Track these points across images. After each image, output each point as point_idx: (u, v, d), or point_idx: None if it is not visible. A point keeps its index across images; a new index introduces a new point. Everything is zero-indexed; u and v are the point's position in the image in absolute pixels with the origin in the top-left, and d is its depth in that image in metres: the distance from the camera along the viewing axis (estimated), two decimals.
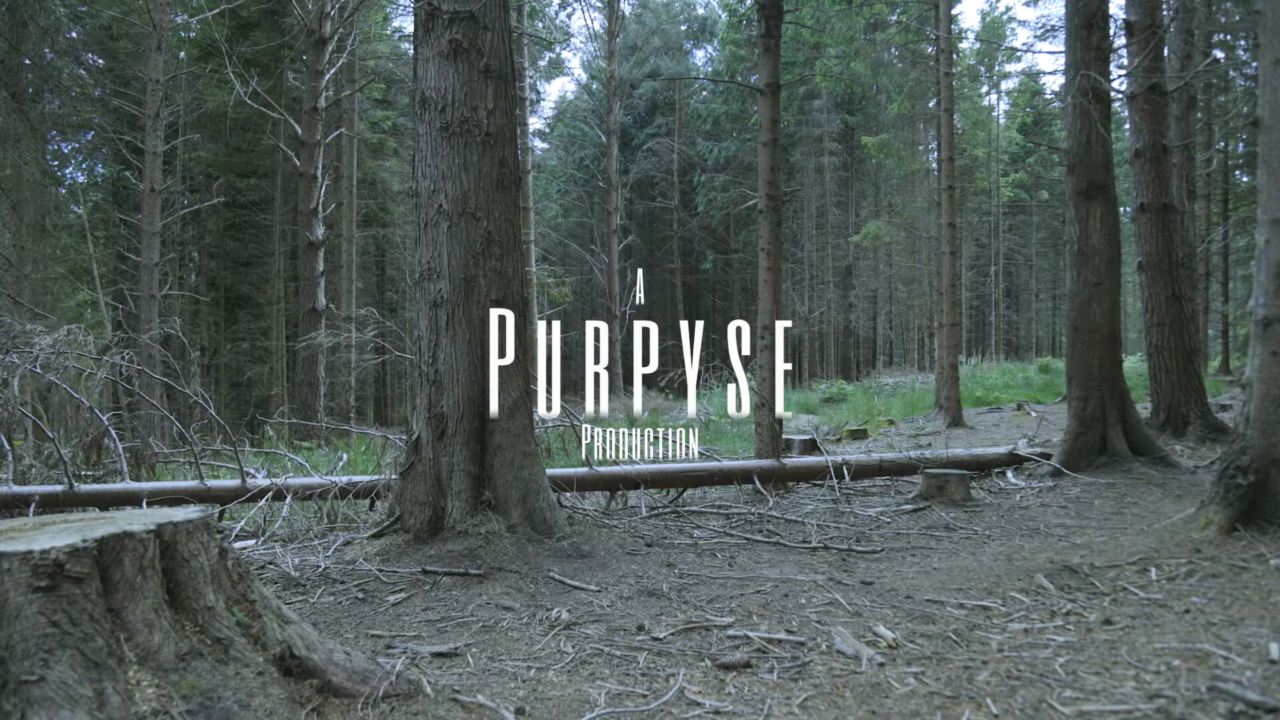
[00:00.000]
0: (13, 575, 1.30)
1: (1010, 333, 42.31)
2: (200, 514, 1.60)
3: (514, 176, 3.74)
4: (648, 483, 4.88)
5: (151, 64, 13.18)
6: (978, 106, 30.70)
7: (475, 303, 3.57)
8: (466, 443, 3.51)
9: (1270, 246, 3.20)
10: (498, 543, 3.32)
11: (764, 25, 5.78)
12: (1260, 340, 3.21)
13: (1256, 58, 6.26)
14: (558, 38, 28.73)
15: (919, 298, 32.33)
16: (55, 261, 16.90)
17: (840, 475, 5.32)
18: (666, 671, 2.07)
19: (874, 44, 20.88)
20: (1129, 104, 7.40)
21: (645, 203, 37.30)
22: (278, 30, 18.14)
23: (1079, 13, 5.80)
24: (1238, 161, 20.32)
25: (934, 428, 10.19)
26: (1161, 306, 7.09)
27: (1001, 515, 4.40)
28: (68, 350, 6.53)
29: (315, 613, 2.79)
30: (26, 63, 14.45)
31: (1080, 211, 5.81)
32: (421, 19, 3.65)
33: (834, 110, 33.94)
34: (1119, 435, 5.61)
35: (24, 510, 4.34)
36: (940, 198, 12.44)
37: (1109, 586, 2.76)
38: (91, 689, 1.30)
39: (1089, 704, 1.77)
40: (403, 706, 1.72)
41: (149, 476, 6.11)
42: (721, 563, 3.47)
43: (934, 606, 2.63)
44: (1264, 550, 2.90)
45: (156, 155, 13.22)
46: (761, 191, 5.80)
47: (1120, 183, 10.51)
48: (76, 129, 19.87)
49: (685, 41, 40.75)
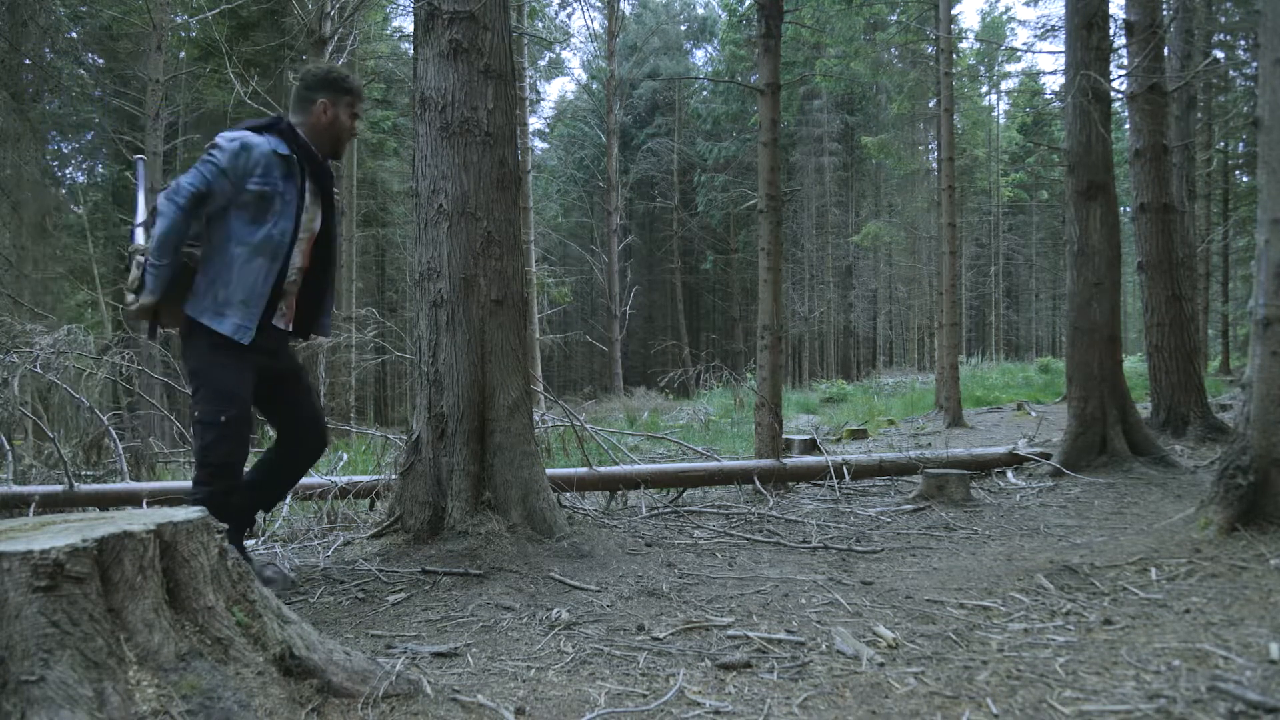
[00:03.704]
0: (13, 575, 1.30)
1: (1010, 333, 42.33)
2: (200, 514, 1.60)
3: (514, 176, 3.74)
4: (648, 483, 4.88)
5: (151, 64, 13.19)
6: (978, 106, 30.73)
7: (475, 303, 3.57)
8: (466, 443, 3.51)
9: (1270, 246, 3.20)
10: (498, 543, 3.32)
11: (764, 25, 5.78)
12: (1260, 340, 3.21)
13: (1256, 58, 6.27)
14: (558, 38, 28.74)
15: (919, 298, 32.36)
16: (55, 261, 16.89)
17: (840, 475, 5.32)
18: (666, 671, 2.07)
19: (874, 44, 20.89)
20: (1129, 104, 7.40)
21: (645, 203, 37.31)
22: (278, 30, 18.13)
23: (1079, 13, 5.80)
24: (1238, 161, 20.33)
25: (934, 428, 10.19)
26: (1161, 306, 7.08)
27: (1001, 515, 4.40)
28: (68, 350, 6.53)
29: (315, 613, 2.79)
30: (26, 63, 14.44)
31: (1080, 211, 5.81)
32: (421, 19, 3.65)
33: (834, 110, 33.96)
34: (1119, 435, 5.61)
35: (24, 510, 4.34)
36: (940, 198, 12.45)
37: (1109, 586, 2.76)
38: (91, 689, 1.30)
39: (1089, 704, 1.77)
40: (403, 706, 1.72)
41: (149, 476, 6.11)
42: (721, 563, 3.47)
43: (934, 606, 2.63)
44: (1264, 550, 2.90)
45: (156, 155, 13.22)
46: (761, 191, 5.80)
47: (1120, 183, 10.51)
48: (76, 129, 19.87)
49: (685, 41, 40.76)
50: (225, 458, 2.69)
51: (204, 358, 2.72)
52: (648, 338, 38.12)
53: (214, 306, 2.69)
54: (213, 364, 2.71)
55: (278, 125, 2.80)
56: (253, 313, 2.71)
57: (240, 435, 2.72)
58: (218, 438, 2.67)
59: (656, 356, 34.27)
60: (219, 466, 2.68)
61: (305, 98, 2.88)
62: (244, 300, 2.70)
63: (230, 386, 2.71)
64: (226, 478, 2.70)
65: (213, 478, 2.68)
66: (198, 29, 17.09)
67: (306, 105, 2.88)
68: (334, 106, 2.88)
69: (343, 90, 2.89)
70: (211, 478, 2.68)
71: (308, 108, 2.88)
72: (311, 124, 2.88)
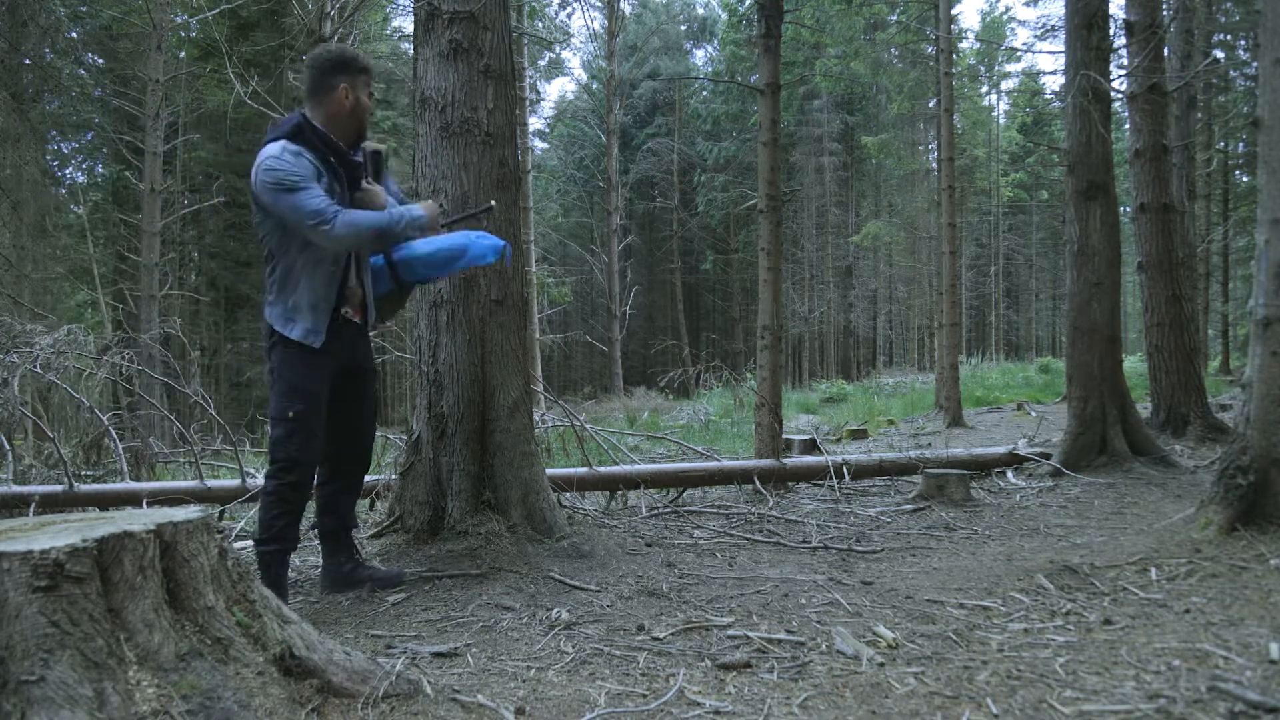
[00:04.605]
0: (13, 575, 1.30)
1: (1010, 333, 42.33)
2: (200, 514, 1.60)
3: (514, 176, 3.74)
4: (648, 483, 4.88)
5: (151, 64, 13.18)
6: (978, 106, 30.72)
7: (475, 302, 3.57)
8: (466, 443, 3.51)
9: (1270, 246, 3.20)
10: (498, 543, 3.32)
11: (764, 25, 5.78)
12: (1260, 340, 3.21)
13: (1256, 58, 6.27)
14: (558, 38, 28.74)
15: (919, 298, 32.36)
16: (55, 261, 16.89)
17: (840, 475, 5.32)
18: (666, 671, 2.07)
19: (874, 44, 20.88)
20: (1129, 104, 7.40)
21: (645, 203, 37.28)
22: (278, 30, 18.12)
23: (1079, 13, 5.80)
24: (1238, 161, 20.33)
25: (934, 428, 10.19)
26: (1161, 306, 7.08)
27: (1001, 515, 4.40)
28: (68, 350, 6.53)
29: (315, 613, 2.79)
30: (26, 63, 14.44)
31: (1080, 211, 5.81)
32: (421, 19, 3.65)
33: (834, 110, 33.94)
34: (1119, 435, 5.61)
35: (24, 510, 4.34)
36: (940, 198, 12.44)
37: (1109, 586, 2.76)
38: (91, 689, 1.30)
39: (1089, 704, 1.77)
40: (403, 706, 1.72)
41: (149, 476, 6.11)
42: (721, 563, 3.47)
43: (934, 606, 2.63)
44: (1264, 550, 2.90)
45: (156, 155, 13.22)
46: (761, 191, 5.80)
47: (1120, 183, 10.51)
48: (76, 129, 19.86)
49: (685, 41, 40.74)
50: (294, 453, 2.69)
51: (280, 356, 2.76)
52: (648, 338, 38.11)
53: (285, 313, 2.72)
54: (285, 361, 2.74)
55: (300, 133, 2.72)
56: (321, 317, 2.73)
57: (309, 431, 2.72)
58: (286, 433, 2.69)
59: (656, 356, 34.26)
60: (286, 461, 2.69)
61: (323, 84, 2.78)
62: (312, 305, 2.73)
63: (300, 382, 2.73)
64: (293, 472, 2.70)
65: (280, 472, 2.69)
66: (198, 29, 17.08)
67: (326, 92, 2.78)
68: (354, 89, 2.80)
69: (359, 69, 2.82)
70: (279, 471, 2.69)
71: (328, 95, 2.77)
72: (334, 113, 2.78)
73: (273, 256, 2.76)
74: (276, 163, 2.62)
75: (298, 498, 2.75)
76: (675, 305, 36.99)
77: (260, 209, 2.71)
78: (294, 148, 2.67)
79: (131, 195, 18.57)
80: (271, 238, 2.74)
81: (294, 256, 2.73)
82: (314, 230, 2.61)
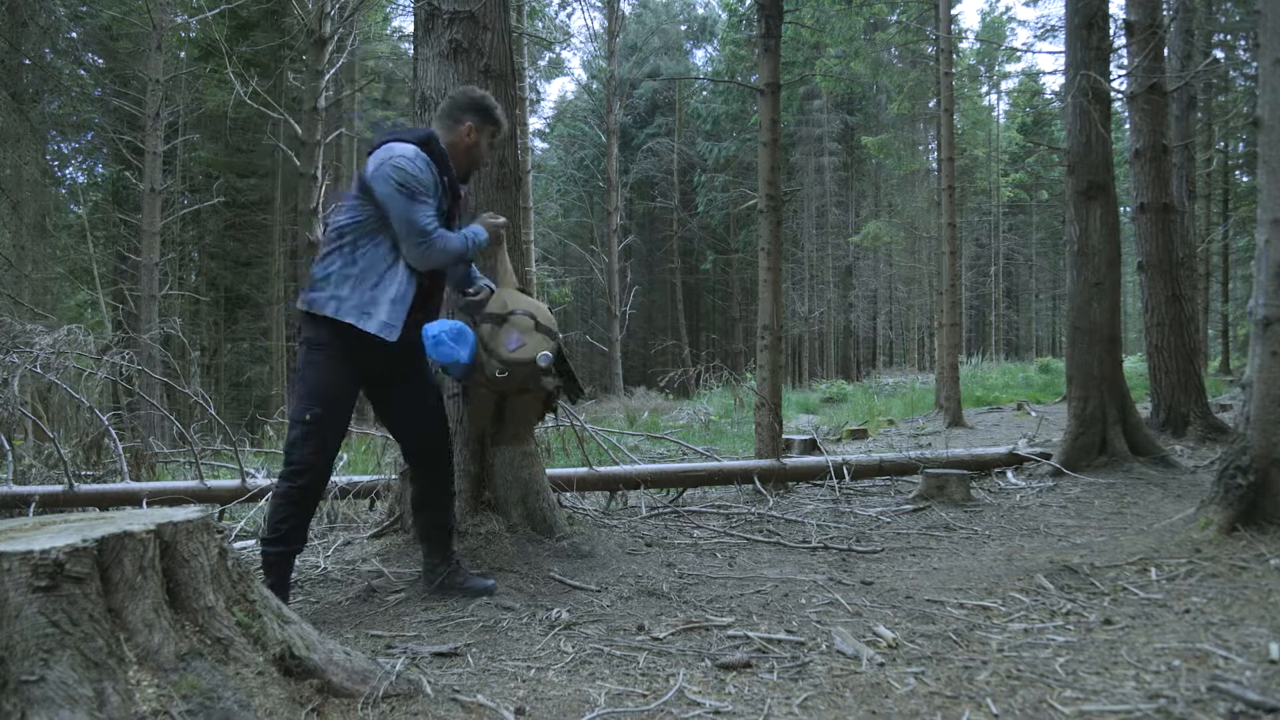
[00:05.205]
0: (13, 575, 1.30)
1: (1010, 333, 42.33)
2: (200, 514, 1.60)
3: (514, 176, 3.74)
4: (648, 483, 4.88)
5: (151, 64, 13.19)
6: (978, 106, 30.72)
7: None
8: (466, 443, 3.51)
9: (1270, 246, 3.20)
10: (498, 543, 3.32)
11: (764, 25, 5.78)
12: (1260, 340, 3.21)
13: (1256, 58, 6.26)
14: (558, 38, 28.75)
15: (919, 298, 32.36)
16: (55, 261, 16.90)
17: (840, 475, 5.32)
18: (666, 671, 2.07)
19: (874, 44, 20.87)
20: (1129, 104, 7.40)
21: (645, 203, 37.28)
22: (278, 30, 18.14)
23: (1079, 13, 5.80)
24: (1238, 161, 20.33)
25: (934, 428, 10.19)
26: (1161, 306, 7.08)
27: (1001, 515, 4.40)
28: (68, 350, 6.53)
29: (315, 613, 2.80)
30: (26, 63, 14.45)
31: (1080, 211, 5.81)
32: (421, 19, 3.65)
33: (834, 110, 33.94)
34: (1119, 435, 5.61)
35: (24, 510, 4.34)
36: (940, 198, 12.45)
37: (1109, 586, 2.76)
38: (91, 689, 1.30)
39: (1089, 704, 1.77)
40: (403, 706, 1.72)
41: (149, 476, 6.10)
42: (721, 563, 3.47)
43: (934, 606, 2.63)
44: (1264, 550, 2.90)
45: (156, 155, 13.22)
46: (761, 191, 5.80)
47: (1120, 183, 10.51)
48: (76, 129, 19.87)
49: (685, 41, 40.74)
50: (307, 456, 2.67)
51: (304, 357, 2.74)
52: (648, 338, 38.11)
53: (360, 305, 2.68)
54: (309, 363, 2.72)
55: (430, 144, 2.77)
56: (399, 313, 2.71)
57: (325, 436, 2.70)
58: (302, 435, 2.67)
59: (656, 356, 34.26)
60: (298, 464, 2.67)
61: (454, 116, 2.88)
62: (393, 299, 2.71)
63: (320, 386, 2.70)
64: (304, 476, 2.68)
65: (293, 474, 2.68)
66: (198, 29, 17.08)
67: (455, 123, 2.87)
68: (478, 133, 2.88)
69: (490, 120, 2.90)
70: (292, 474, 2.68)
71: (454, 127, 2.87)
72: (454, 142, 2.87)
73: (353, 245, 2.72)
74: (409, 164, 2.66)
75: (308, 501, 2.73)
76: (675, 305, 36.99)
77: (364, 194, 2.70)
78: (425, 156, 2.71)
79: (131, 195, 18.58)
80: (365, 225, 2.72)
81: (386, 250, 2.72)
82: (412, 242, 2.66)
